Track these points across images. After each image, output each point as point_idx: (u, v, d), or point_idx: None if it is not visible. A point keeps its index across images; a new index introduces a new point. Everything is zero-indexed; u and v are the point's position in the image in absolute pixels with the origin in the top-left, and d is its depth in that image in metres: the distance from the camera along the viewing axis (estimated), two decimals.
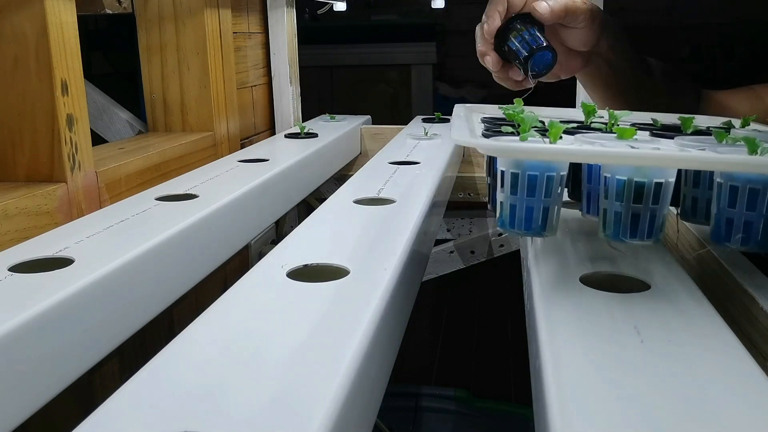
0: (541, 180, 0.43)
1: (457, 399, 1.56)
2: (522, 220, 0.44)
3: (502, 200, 0.45)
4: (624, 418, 0.29)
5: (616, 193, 0.43)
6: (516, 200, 0.44)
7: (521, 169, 0.43)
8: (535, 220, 0.44)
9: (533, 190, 0.43)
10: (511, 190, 0.44)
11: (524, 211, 0.44)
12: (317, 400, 0.30)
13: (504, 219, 0.45)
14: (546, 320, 0.39)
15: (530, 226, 0.44)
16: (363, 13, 2.70)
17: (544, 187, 0.43)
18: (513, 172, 0.44)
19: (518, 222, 0.44)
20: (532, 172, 0.43)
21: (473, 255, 1.27)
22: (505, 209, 0.45)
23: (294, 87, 1.29)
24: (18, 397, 0.39)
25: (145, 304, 0.53)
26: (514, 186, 0.44)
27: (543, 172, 0.43)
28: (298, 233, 0.57)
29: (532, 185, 0.43)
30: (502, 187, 0.45)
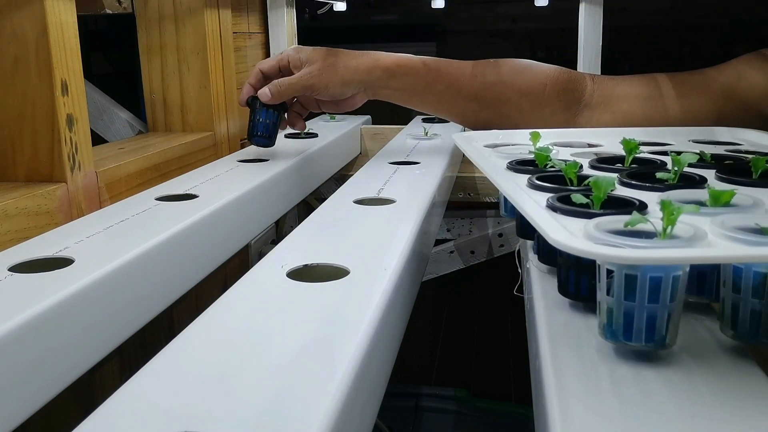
0: (666, 282, 0.35)
1: (457, 399, 1.55)
2: (642, 331, 0.35)
3: (611, 306, 0.36)
4: (624, 418, 0.29)
5: (753, 287, 0.35)
6: (633, 307, 0.35)
7: (639, 271, 0.35)
8: (659, 330, 0.35)
9: (656, 295, 0.35)
10: (625, 295, 0.35)
11: (645, 319, 0.35)
12: (317, 399, 0.30)
13: (616, 330, 0.36)
14: (546, 320, 0.39)
15: (652, 337, 0.35)
16: (363, 13, 2.70)
17: (669, 289, 0.35)
18: (628, 274, 0.35)
19: (636, 333, 0.35)
20: (655, 273, 0.35)
21: (473, 255, 1.27)
22: (616, 318, 0.36)
23: None
24: (18, 397, 0.39)
25: (145, 304, 0.53)
26: (629, 290, 0.35)
27: (669, 273, 0.35)
28: (298, 233, 0.57)
29: (654, 289, 0.35)
30: (608, 290, 0.36)
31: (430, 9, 1.68)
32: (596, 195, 0.42)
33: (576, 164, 0.50)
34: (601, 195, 0.42)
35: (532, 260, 0.51)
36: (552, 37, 2.82)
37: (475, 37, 2.91)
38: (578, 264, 0.41)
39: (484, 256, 1.27)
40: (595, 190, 0.42)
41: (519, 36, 2.89)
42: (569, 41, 1.27)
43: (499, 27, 2.88)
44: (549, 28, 2.79)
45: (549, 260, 0.48)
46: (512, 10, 2.85)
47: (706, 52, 2.69)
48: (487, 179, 1.24)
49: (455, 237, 1.30)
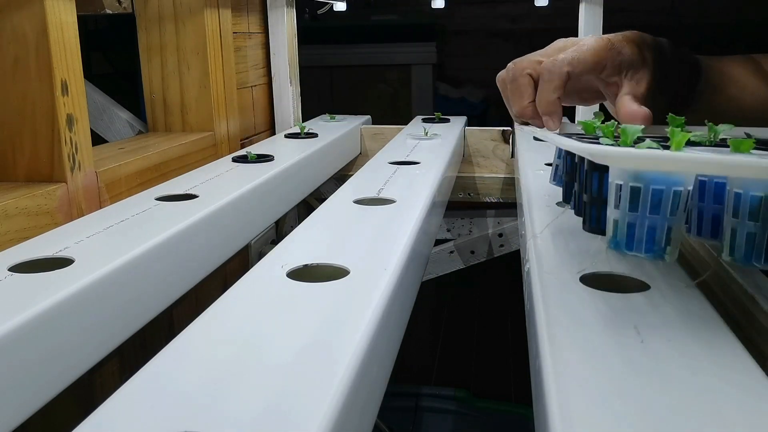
0: (668, 195, 0.38)
1: (457, 399, 1.56)
2: (642, 241, 0.38)
3: (617, 218, 0.39)
4: (624, 418, 0.29)
5: (750, 211, 0.38)
6: (636, 218, 0.38)
7: (644, 182, 0.38)
8: (658, 241, 0.38)
9: (657, 207, 0.38)
10: (629, 206, 0.38)
11: (646, 230, 0.38)
12: (317, 400, 0.30)
13: (619, 239, 0.39)
14: (546, 320, 0.39)
15: (652, 247, 0.38)
16: (363, 13, 2.70)
17: (670, 203, 0.38)
18: (633, 186, 0.38)
19: (638, 243, 0.39)
20: (657, 186, 0.38)
21: (473, 255, 1.27)
22: (621, 228, 0.39)
23: (294, 87, 1.29)
24: (18, 397, 0.39)
25: (145, 304, 0.53)
26: (633, 202, 0.38)
27: (670, 187, 0.38)
28: (298, 233, 0.57)
29: (656, 201, 0.38)
30: (617, 202, 0.39)
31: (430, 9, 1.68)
32: (623, 140, 0.45)
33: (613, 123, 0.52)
34: (628, 140, 0.44)
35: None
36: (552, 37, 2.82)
37: (475, 37, 2.91)
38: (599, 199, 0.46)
39: (484, 256, 1.27)
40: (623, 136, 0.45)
41: (519, 36, 2.89)
42: None
43: (499, 27, 2.88)
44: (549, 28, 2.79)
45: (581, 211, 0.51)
46: (512, 10, 2.85)
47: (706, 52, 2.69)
48: (487, 179, 1.24)
49: (455, 237, 1.30)
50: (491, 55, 2.90)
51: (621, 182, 0.39)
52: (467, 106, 2.66)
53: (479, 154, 1.22)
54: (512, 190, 1.19)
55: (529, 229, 0.59)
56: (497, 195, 1.22)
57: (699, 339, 0.37)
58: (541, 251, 0.51)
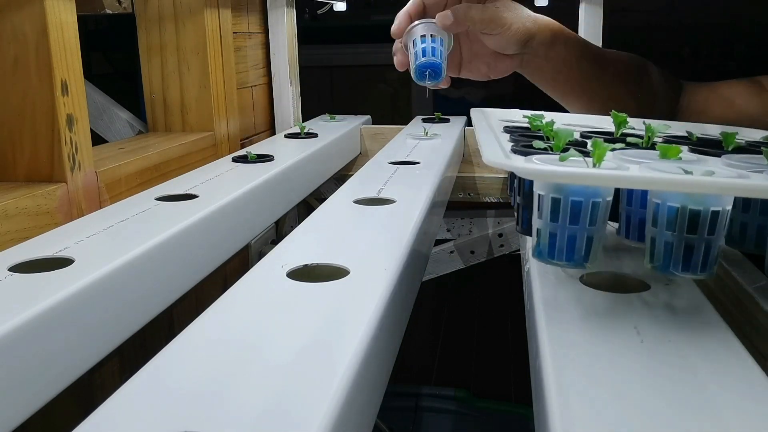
0: (586, 206, 0.39)
1: (457, 399, 1.56)
2: (563, 250, 0.40)
3: (540, 227, 0.40)
4: (624, 418, 0.29)
5: (667, 221, 0.39)
6: (557, 228, 0.40)
7: (563, 194, 0.39)
8: (578, 250, 0.40)
9: (577, 218, 0.39)
10: (551, 216, 0.40)
11: (566, 240, 0.39)
12: (317, 400, 0.30)
13: (542, 248, 0.40)
14: (546, 320, 0.39)
15: (572, 256, 0.40)
16: (363, 13, 2.70)
17: (589, 214, 0.39)
18: (554, 197, 0.39)
19: (558, 252, 0.40)
20: (576, 197, 0.39)
21: (473, 255, 1.27)
22: (543, 237, 0.40)
23: (294, 87, 1.29)
24: (18, 397, 0.39)
25: (145, 304, 0.53)
26: (554, 212, 0.39)
27: (588, 198, 0.39)
28: (298, 233, 0.57)
29: (575, 212, 0.39)
30: (539, 212, 0.40)
31: None
32: (556, 143, 0.46)
33: (552, 122, 0.54)
34: (560, 144, 0.46)
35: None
36: None
37: None
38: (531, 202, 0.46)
39: (484, 256, 1.27)
40: (555, 139, 0.46)
41: None
42: None
43: None
44: None
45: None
46: None
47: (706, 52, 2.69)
48: (487, 179, 1.24)
49: (455, 237, 1.30)
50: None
51: (543, 193, 0.40)
52: (467, 106, 2.66)
53: (479, 154, 1.22)
54: None
55: None
56: (497, 195, 1.22)
57: (699, 339, 0.37)
58: None
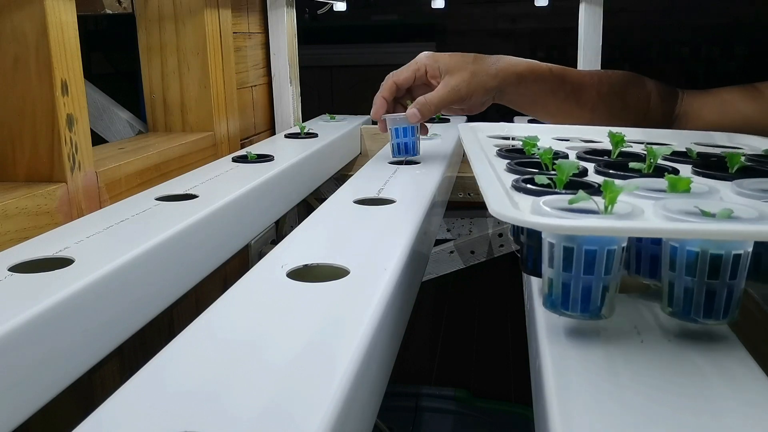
0: (601, 255, 0.37)
1: (457, 399, 1.56)
2: (578, 301, 0.37)
3: (551, 277, 0.38)
4: (624, 418, 0.29)
5: (687, 266, 0.37)
6: (570, 278, 0.37)
7: (576, 243, 0.37)
8: (593, 301, 0.37)
9: (591, 268, 0.37)
10: (563, 266, 0.37)
11: (581, 290, 0.37)
12: (317, 400, 0.30)
13: (555, 299, 0.38)
14: (546, 320, 0.39)
15: (587, 307, 0.37)
16: (363, 13, 2.70)
17: (605, 263, 0.37)
18: (566, 246, 0.37)
19: (573, 303, 0.38)
20: (590, 246, 0.37)
21: (473, 255, 1.27)
22: (555, 288, 0.38)
23: (294, 87, 1.29)
24: (18, 397, 0.39)
25: (145, 304, 0.53)
26: (567, 261, 0.37)
27: (603, 246, 0.37)
28: (298, 233, 0.57)
29: (590, 262, 0.37)
30: (550, 261, 0.38)
31: (430, 9, 1.68)
32: (559, 177, 0.44)
33: (550, 150, 0.52)
34: (563, 177, 0.44)
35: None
36: (552, 37, 2.82)
37: (475, 37, 2.91)
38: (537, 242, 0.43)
39: (484, 256, 1.27)
40: (558, 173, 0.44)
41: (519, 36, 2.89)
42: (569, 41, 1.27)
43: (499, 27, 2.88)
44: (549, 28, 2.79)
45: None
46: (512, 10, 2.85)
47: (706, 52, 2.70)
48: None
49: (455, 237, 1.30)
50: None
51: (553, 241, 0.38)
52: None
53: None
54: None
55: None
56: None
57: (699, 339, 0.37)
58: None
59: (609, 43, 1.13)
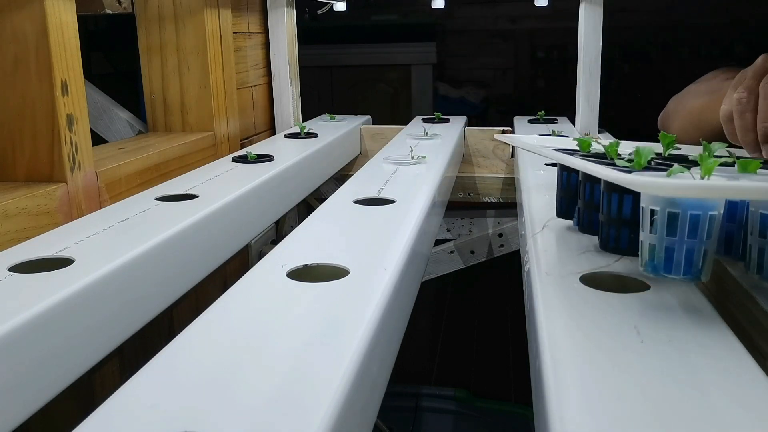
0: (704, 220, 0.40)
1: (457, 399, 1.56)
2: (681, 264, 0.40)
3: (653, 242, 0.41)
4: (624, 418, 0.29)
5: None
6: (674, 242, 0.40)
7: (681, 208, 0.40)
8: (695, 264, 0.40)
9: (695, 232, 0.40)
10: (667, 231, 0.40)
11: (684, 254, 0.40)
12: (317, 400, 0.30)
13: (657, 263, 0.41)
14: (546, 320, 0.39)
15: (690, 270, 0.40)
16: (363, 13, 2.70)
17: (707, 227, 0.40)
18: (671, 211, 0.40)
19: (676, 266, 0.40)
20: (694, 211, 0.40)
21: (473, 255, 1.27)
22: (658, 252, 0.41)
23: (294, 87, 1.29)
24: (18, 397, 0.39)
25: (145, 304, 0.53)
26: (671, 227, 0.40)
27: (706, 212, 0.40)
28: (298, 233, 0.57)
29: (693, 226, 0.40)
30: (652, 227, 0.41)
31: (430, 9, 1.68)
32: (637, 161, 0.47)
33: (617, 143, 0.54)
34: (641, 161, 0.46)
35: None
36: (552, 37, 2.82)
37: (475, 37, 2.91)
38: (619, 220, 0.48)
39: (484, 256, 1.27)
40: (636, 157, 0.47)
41: (519, 36, 2.89)
42: (569, 41, 1.27)
43: (499, 27, 2.88)
44: (549, 28, 2.79)
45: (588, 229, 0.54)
46: (512, 10, 2.85)
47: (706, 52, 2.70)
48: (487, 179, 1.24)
49: (455, 237, 1.30)
50: (491, 55, 2.90)
51: (656, 207, 0.41)
52: (467, 106, 2.66)
53: (479, 154, 1.22)
54: (512, 190, 1.19)
55: (528, 229, 0.59)
56: (497, 195, 1.22)
57: (699, 339, 0.37)
58: (541, 251, 0.51)
59: (609, 43, 1.13)
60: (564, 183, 0.60)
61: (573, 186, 0.58)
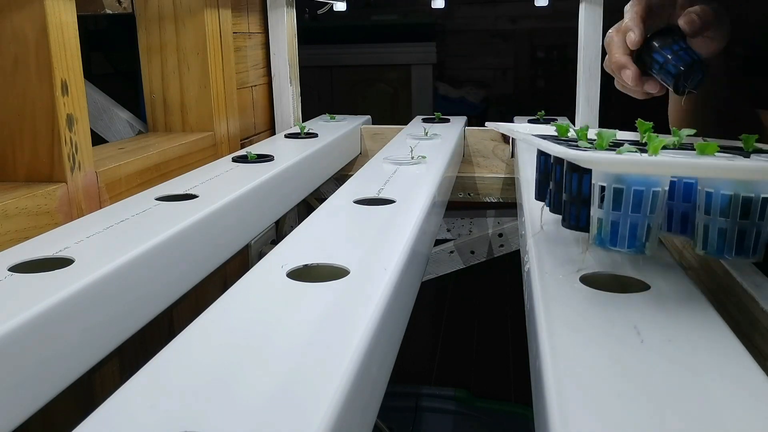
0: (647, 195, 0.42)
1: (457, 399, 1.56)
2: (625, 238, 0.43)
3: (600, 216, 0.43)
4: (624, 418, 0.29)
5: (720, 209, 0.42)
6: (619, 217, 0.43)
7: (625, 184, 0.42)
8: (639, 238, 0.43)
9: (638, 206, 0.42)
10: (613, 206, 0.43)
11: (628, 227, 0.43)
12: (317, 400, 0.30)
13: (603, 236, 0.43)
14: (546, 320, 0.39)
15: (634, 243, 0.43)
16: (363, 13, 2.70)
17: (650, 202, 0.42)
18: (616, 187, 0.42)
19: (620, 239, 0.43)
20: (638, 187, 0.42)
21: (473, 255, 1.27)
22: (604, 226, 0.43)
23: (294, 87, 1.29)
24: (18, 397, 0.39)
25: (145, 304, 0.53)
26: (616, 202, 0.42)
27: (649, 188, 0.42)
28: (298, 233, 0.57)
29: (637, 201, 0.42)
30: (600, 202, 0.43)
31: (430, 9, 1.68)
32: (598, 143, 0.49)
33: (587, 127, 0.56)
34: (603, 144, 0.48)
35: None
36: (552, 37, 2.82)
37: (475, 37, 2.91)
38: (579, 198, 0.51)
39: (484, 256, 1.27)
40: (599, 139, 0.49)
41: (519, 36, 2.89)
42: (569, 41, 1.27)
43: (499, 27, 2.88)
44: (549, 28, 2.79)
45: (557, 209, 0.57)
46: (512, 10, 2.85)
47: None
48: (487, 179, 1.24)
49: (455, 237, 1.30)
50: (491, 55, 2.90)
51: (604, 184, 0.43)
52: (467, 106, 2.67)
53: (479, 154, 1.22)
54: (512, 190, 1.19)
55: (528, 229, 0.59)
56: (497, 195, 1.22)
57: (699, 339, 0.37)
58: (541, 251, 0.51)
59: None
60: (541, 167, 0.62)
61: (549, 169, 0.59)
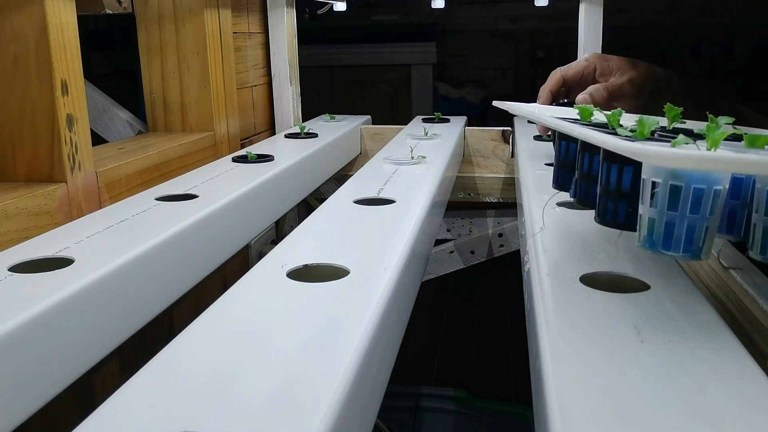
0: (708, 194, 0.37)
1: (457, 399, 1.56)
2: (681, 241, 0.38)
3: (652, 216, 0.38)
4: (624, 418, 0.29)
5: None
6: (675, 217, 0.38)
7: (684, 181, 0.37)
8: (696, 242, 0.38)
9: (698, 207, 0.37)
10: (668, 205, 0.38)
11: (685, 230, 0.37)
12: (317, 400, 0.30)
13: (655, 239, 0.38)
14: (546, 320, 0.39)
15: (690, 247, 0.38)
16: (363, 13, 2.70)
17: (711, 202, 0.37)
18: (673, 184, 0.37)
19: (675, 243, 0.38)
20: (698, 185, 0.37)
21: (473, 255, 1.27)
22: (657, 227, 0.38)
23: (294, 87, 1.29)
24: (18, 397, 0.39)
25: (145, 304, 0.53)
26: (673, 201, 0.37)
27: (711, 186, 0.37)
28: (298, 233, 0.57)
29: (696, 201, 0.37)
30: (652, 201, 0.38)
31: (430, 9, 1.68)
32: (640, 131, 0.44)
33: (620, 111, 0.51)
34: (645, 131, 0.44)
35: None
36: (552, 37, 2.82)
37: (475, 37, 2.91)
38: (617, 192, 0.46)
39: (484, 256, 1.27)
40: (640, 127, 0.45)
41: (519, 36, 2.89)
42: (569, 41, 1.27)
43: (499, 27, 2.88)
44: (549, 28, 2.79)
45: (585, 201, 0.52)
46: (512, 10, 2.85)
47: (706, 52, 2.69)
48: (487, 179, 1.24)
49: (455, 237, 1.30)
50: (491, 55, 2.90)
51: (657, 180, 0.38)
52: (467, 106, 2.67)
53: (479, 154, 1.22)
54: (512, 190, 1.19)
55: (529, 229, 0.59)
56: (497, 195, 1.22)
57: (699, 339, 0.37)
58: (540, 251, 0.51)
59: (609, 43, 1.13)
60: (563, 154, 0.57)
61: (572, 157, 0.55)
